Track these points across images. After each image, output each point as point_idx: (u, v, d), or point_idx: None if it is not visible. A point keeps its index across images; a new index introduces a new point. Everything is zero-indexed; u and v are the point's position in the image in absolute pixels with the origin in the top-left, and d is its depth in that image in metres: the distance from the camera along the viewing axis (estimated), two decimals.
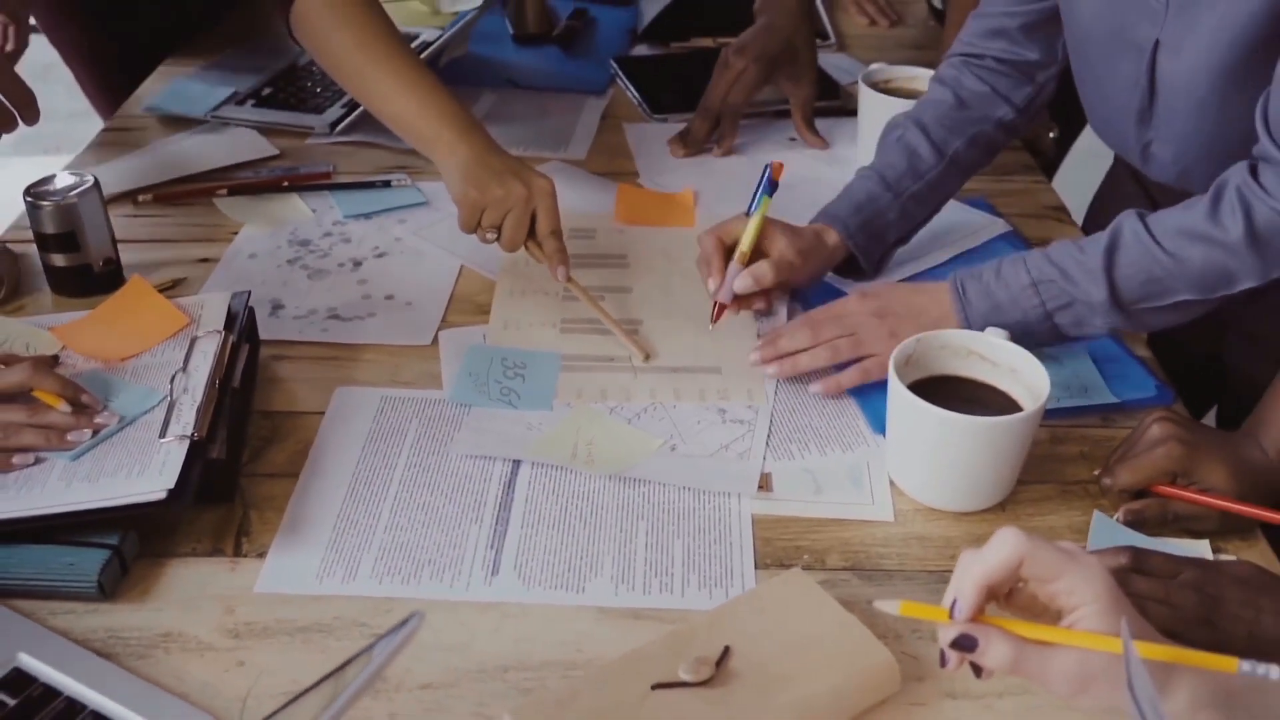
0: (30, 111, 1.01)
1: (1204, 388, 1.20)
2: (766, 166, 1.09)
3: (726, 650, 0.72)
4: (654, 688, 0.70)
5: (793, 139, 1.43)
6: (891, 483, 0.90)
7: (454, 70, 1.58)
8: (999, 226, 1.23)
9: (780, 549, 0.84)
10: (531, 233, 1.07)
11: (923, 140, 1.12)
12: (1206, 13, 0.91)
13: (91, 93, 1.68)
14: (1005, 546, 0.59)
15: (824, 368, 0.99)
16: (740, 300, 1.06)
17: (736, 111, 1.38)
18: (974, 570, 0.60)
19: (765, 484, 0.90)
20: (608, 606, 0.79)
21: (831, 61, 1.64)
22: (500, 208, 1.06)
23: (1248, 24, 0.88)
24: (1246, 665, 0.53)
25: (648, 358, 1.03)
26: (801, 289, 1.12)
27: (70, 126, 2.06)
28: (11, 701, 0.71)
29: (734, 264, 1.05)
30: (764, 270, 1.04)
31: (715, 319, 1.06)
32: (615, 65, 1.60)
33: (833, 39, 1.72)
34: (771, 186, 1.07)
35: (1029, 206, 1.30)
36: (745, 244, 1.05)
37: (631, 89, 1.55)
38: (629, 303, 1.11)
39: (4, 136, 1.02)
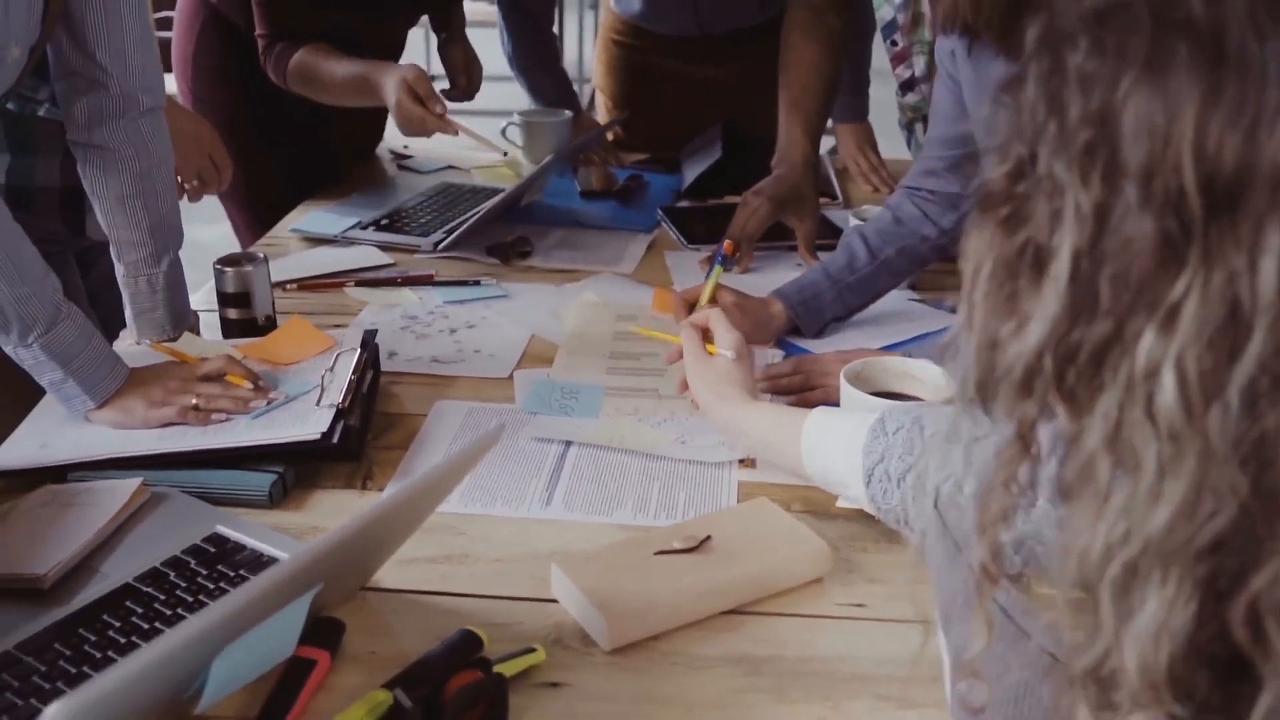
0: (227, 175, 1.48)
1: None
2: (720, 243, 1.56)
3: (708, 537, 1.03)
4: (656, 553, 1.01)
5: (799, 264, 1.79)
6: None
7: (531, 211, 1.98)
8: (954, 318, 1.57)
9: (755, 498, 1.15)
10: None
11: (861, 246, 1.50)
12: None
13: (239, 223, 2.10)
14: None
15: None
16: None
17: (752, 239, 1.75)
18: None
19: (748, 463, 1.21)
20: (627, 524, 1.10)
21: (838, 215, 2.01)
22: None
23: None
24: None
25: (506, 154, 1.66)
26: (762, 344, 1.48)
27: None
28: (213, 550, 1.03)
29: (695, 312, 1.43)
30: (699, 317, 1.38)
31: (672, 359, 1.37)
32: (661, 213, 1.99)
33: (840, 198, 2.10)
34: (723, 258, 1.53)
35: None
36: (703, 299, 1.47)
37: (673, 228, 1.93)
38: (663, 355, 1.45)
39: None
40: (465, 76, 2.17)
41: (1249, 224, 0.43)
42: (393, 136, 2.22)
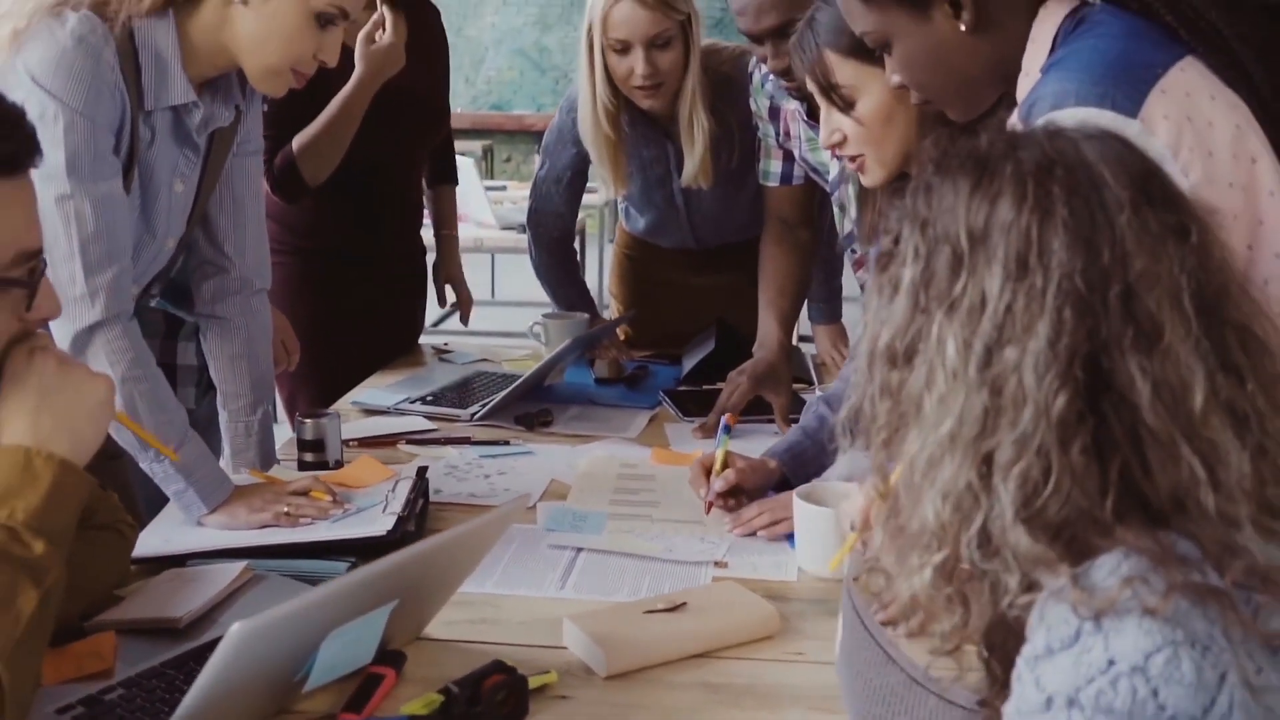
0: (295, 358, 1.82)
1: None
2: (724, 417, 1.83)
3: (685, 603, 1.33)
4: (645, 612, 1.31)
5: (776, 433, 2.12)
6: (799, 569, 1.51)
7: (552, 391, 2.34)
8: None
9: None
10: None
11: (826, 409, 1.82)
12: None
13: (288, 396, 2.45)
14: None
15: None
16: (720, 497, 1.73)
17: (735, 410, 2.09)
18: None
19: (721, 564, 1.52)
20: (624, 601, 1.41)
21: (812, 400, 2.36)
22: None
23: None
24: None
25: None
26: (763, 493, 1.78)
27: None
28: None
29: (713, 477, 1.73)
30: (730, 475, 1.72)
31: (707, 511, 1.72)
32: (662, 394, 2.35)
33: (816, 384, 2.46)
34: (727, 428, 1.80)
35: None
36: (718, 466, 1.74)
37: (672, 406, 2.28)
38: (656, 492, 1.77)
39: None
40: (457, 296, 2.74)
41: (989, 252, 0.79)
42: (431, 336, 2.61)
